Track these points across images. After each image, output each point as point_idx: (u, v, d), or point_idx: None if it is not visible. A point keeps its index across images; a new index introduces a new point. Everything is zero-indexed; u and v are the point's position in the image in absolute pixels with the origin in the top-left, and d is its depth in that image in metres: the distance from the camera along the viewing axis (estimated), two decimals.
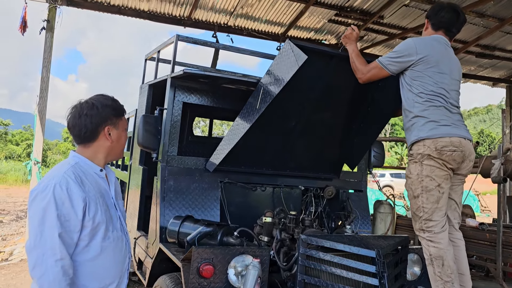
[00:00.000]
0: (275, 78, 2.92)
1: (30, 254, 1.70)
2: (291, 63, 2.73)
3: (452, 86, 2.91)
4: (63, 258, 1.70)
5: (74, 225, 1.75)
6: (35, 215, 1.72)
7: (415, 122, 2.85)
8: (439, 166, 2.77)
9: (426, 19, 3.12)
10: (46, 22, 7.35)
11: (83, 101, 1.95)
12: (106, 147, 1.95)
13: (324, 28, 9.45)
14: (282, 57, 2.84)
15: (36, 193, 1.75)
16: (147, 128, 3.46)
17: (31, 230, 1.72)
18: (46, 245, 1.68)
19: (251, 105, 3.15)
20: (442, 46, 2.97)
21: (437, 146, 2.75)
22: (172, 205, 3.52)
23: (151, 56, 4.61)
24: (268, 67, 3.01)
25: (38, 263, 1.68)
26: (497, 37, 9.67)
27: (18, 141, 35.46)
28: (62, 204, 1.72)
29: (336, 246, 2.66)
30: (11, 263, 6.67)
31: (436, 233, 2.78)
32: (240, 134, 3.22)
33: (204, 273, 2.58)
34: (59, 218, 1.70)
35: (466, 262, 2.97)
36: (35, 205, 1.74)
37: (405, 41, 2.94)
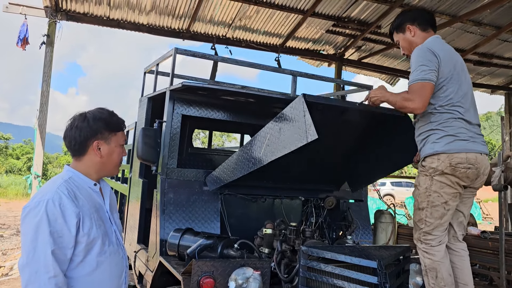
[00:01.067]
0: (281, 138, 2.86)
1: (23, 271, 1.68)
2: (300, 133, 2.64)
3: (468, 96, 2.83)
4: (57, 275, 1.68)
5: (67, 241, 1.73)
6: (28, 231, 1.70)
7: (431, 135, 2.76)
8: (450, 184, 2.70)
9: (409, 26, 2.99)
10: (46, 36, 7.40)
11: (80, 113, 1.94)
12: (96, 162, 1.92)
13: (322, 39, 9.51)
14: (292, 113, 2.75)
15: (29, 209, 1.73)
16: (147, 141, 3.46)
17: (24, 247, 1.71)
18: (39, 262, 1.66)
19: (256, 146, 3.10)
20: (446, 45, 2.94)
21: (452, 162, 2.67)
22: (172, 217, 3.51)
23: (150, 69, 4.64)
24: (278, 115, 2.90)
25: (31, 280, 1.66)
26: (494, 45, 9.74)
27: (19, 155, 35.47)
28: (55, 220, 1.70)
29: (337, 257, 2.64)
30: (12, 277, 6.62)
31: (433, 246, 2.77)
32: (243, 171, 3.22)
33: (205, 286, 2.56)
34: (52, 235, 1.68)
35: (470, 273, 2.94)
36: (28, 221, 1.72)
37: (416, 51, 2.80)
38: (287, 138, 2.78)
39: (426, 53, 2.75)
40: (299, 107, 2.68)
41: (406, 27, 3.02)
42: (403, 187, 24.30)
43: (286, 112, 2.81)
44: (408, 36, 3.01)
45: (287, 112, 2.81)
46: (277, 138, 2.89)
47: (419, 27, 2.99)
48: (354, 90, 4.97)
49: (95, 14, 7.98)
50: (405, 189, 23.78)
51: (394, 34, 3.12)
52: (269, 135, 2.97)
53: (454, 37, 9.38)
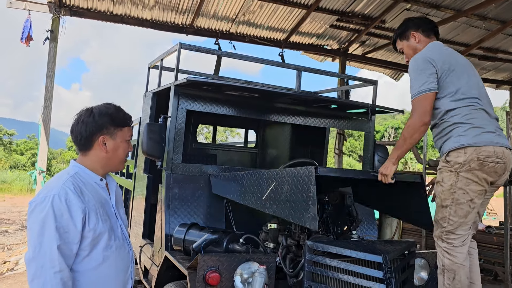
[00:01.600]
0: (283, 197, 2.86)
1: (29, 265, 1.69)
2: (302, 215, 2.64)
3: (482, 88, 2.79)
4: (62, 270, 1.69)
5: (73, 236, 1.74)
6: (34, 226, 1.71)
7: (455, 129, 2.65)
8: (477, 180, 2.60)
9: (414, 32, 2.98)
10: (49, 32, 7.41)
11: (87, 108, 1.94)
12: (102, 157, 1.92)
13: (326, 34, 9.48)
14: (300, 183, 2.71)
15: (35, 204, 1.74)
16: (152, 136, 3.46)
17: (30, 241, 1.72)
18: (45, 257, 1.67)
19: (262, 182, 3.08)
20: (446, 49, 2.92)
21: (480, 156, 2.56)
22: (177, 212, 3.52)
23: (154, 64, 4.63)
24: (290, 172, 2.81)
25: (37, 275, 1.67)
26: (499, 39, 9.68)
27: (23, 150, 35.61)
28: (61, 215, 1.71)
29: (342, 251, 2.64)
30: (17, 272, 6.67)
31: (456, 246, 2.67)
32: (245, 200, 3.25)
33: (211, 280, 2.57)
34: (58, 230, 1.69)
35: (478, 271, 2.90)
36: (34, 216, 1.73)
37: (412, 63, 2.79)
38: (288, 205, 2.77)
39: (419, 63, 2.74)
40: (308, 187, 2.62)
41: (411, 34, 3.00)
42: None
43: (296, 174, 2.75)
44: (413, 43, 3.00)
45: (297, 174, 2.74)
46: (280, 194, 2.88)
47: (423, 33, 2.98)
48: (358, 85, 4.95)
49: (98, 10, 7.97)
50: None
51: (398, 42, 3.10)
52: (274, 183, 2.94)
53: (459, 32, 9.33)
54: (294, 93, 3.68)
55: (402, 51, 3.08)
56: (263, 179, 3.08)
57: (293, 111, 4.01)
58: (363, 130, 4.32)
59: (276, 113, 3.93)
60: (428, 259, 3.36)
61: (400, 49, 3.09)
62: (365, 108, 4.11)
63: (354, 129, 4.36)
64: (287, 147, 5.54)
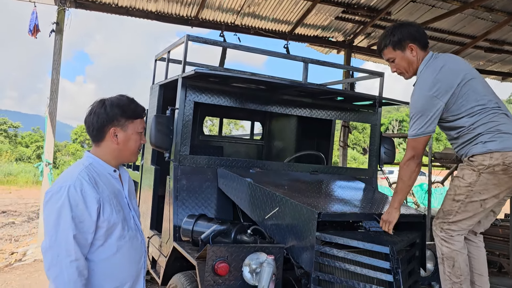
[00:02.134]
0: (283, 226, 2.93)
1: (46, 254, 1.73)
2: (300, 256, 2.76)
3: (491, 89, 2.74)
4: (78, 259, 1.72)
5: (88, 226, 1.77)
6: (50, 216, 1.75)
7: (480, 137, 2.61)
8: (496, 183, 2.58)
9: (411, 44, 2.75)
10: (55, 24, 7.42)
11: (101, 99, 1.96)
12: (113, 149, 1.94)
13: (331, 26, 9.44)
14: (302, 223, 2.76)
15: (51, 194, 1.78)
16: (159, 128, 3.48)
17: (46, 230, 1.75)
18: (61, 246, 1.71)
19: (267, 200, 3.13)
20: (446, 62, 2.74)
21: (505, 161, 2.53)
22: (185, 204, 3.55)
23: (161, 57, 4.64)
24: (294, 203, 2.86)
25: (53, 263, 1.71)
26: (506, 31, 9.61)
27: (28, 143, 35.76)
28: (76, 205, 1.75)
29: (350, 242, 2.66)
30: (25, 263, 6.75)
31: (453, 236, 2.72)
32: (249, 210, 3.31)
33: (219, 271, 2.60)
34: (73, 220, 1.73)
35: (485, 263, 2.91)
36: (50, 206, 1.76)
37: (417, 95, 2.66)
38: (288, 237, 2.83)
39: (426, 101, 2.62)
40: (308, 229, 2.68)
41: (407, 45, 2.76)
42: None
43: (299, 210, 2.78)
44: (409, 56, 2.78)
45: (299, 211, 2.78)
46: (282, 221, 2.94)
47: (419, 46, 2.77)
48: (364, 77, 4.94)
49: (103, 2, 7.97)
50: None
51: (389, 50, 2.81)
52: (277, 209, 2.99)
53: (465, 24, 9.26)
54: (301, 85, 3.68)
55: (392, 60, 2.84)
56: (267, 197, 3.12)
57: (299, 103, 4.02)
58: (369, 123, 4.33)
59: (283, 105, 3.94)
60: (434, 251, 3.37)
61: (390, 59, 2.83)
62: (372, 100, 4.11)
63: (360, 121, 4.36)
64: (293, 139, 5.55)
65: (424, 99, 2.64)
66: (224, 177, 3.64)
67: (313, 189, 3.45)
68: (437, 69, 2.69)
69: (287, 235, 2.87)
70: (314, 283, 2.64)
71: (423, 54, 2.79)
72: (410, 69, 2.81)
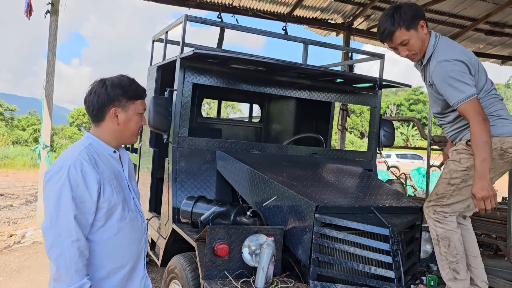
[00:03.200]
0: (280, 214, 2.96)
1: (46, 234, 1.72)
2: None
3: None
4: (79, 239, 1.72)
5: (89, 206, 1.76)
6: (50, 196, 1.73)
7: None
8: (492, 167, 2.49)
9: (422, 21, 2.61)
10: (50, 5, 7.29)
11: (100, 79, 1.93)
12: (114, 130, 1.92)
13: (330, 7, 9.32)
14: (301, 217, 2.79)
15: (51, 174, 1.76)
16: (158, 109, 3.45)
17: (47, 211, 1.74)
18: (62, 226, 1.70)
19: (265, 189, 3.14)
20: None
21: (503, 146, 2.52)
22: (184, 186, 3.54)
23: (158, 38, 4.57)
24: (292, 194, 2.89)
25: (54, 244, 1.70)
26: (507, 13, 9.49)
27: (25, 126, 35.59)
28: (77, 186, 1.73)
29: (349, 224, 2.66)
30: (24, 245, 6.77)
31: (446, 217, 2.72)
32: (248, 194, 3.34)
33: (219, 252, 2.60)
34: (74, 200, 1.72)
35: (477, 245, 2.93)
36: (50, 186, 1.75)
37: (450, 64, 2.50)
38: (285, 226, 2.85)
39: (459, 66, 2.49)
40: (307, 215, 2.70)
41: (419, 23, 2.60)
42: (408, 159, 24.30)
43: (297, 201, 2.81)
44: (422, 34, 2.62)
45: (297, 202, 2.81)
46: (280, 211, 2.96)
47: (425, 24, 2.65)
48: (364, 59, 4.89)
49: None
50: (410, 161, 23.77)
51: (402, 32, 2.60)
52: (275, 197, 3.00)
53: (466, 6, 9.14)
54: (300, 66, 3.63)
55: (405, 42, 2.63)
56: (265, 184, 3.11)
57: (299, 85, 3.98)
58: (369, 105, 4.29)
59: (281, 87, 3.90)
60: None
61: (404, 41, 2.62)
62: (372, 82, 4.07)
63: (360, 103, 4.33)
64: (292, 121, 5.53)
65: (459, 64, 2.50)
66: (223, 159, 3.62)
67: (311, 176, 3.44)
68: (453, 43, 2.67)
69: (284, 225, 2.88)
70: (314, 264, 2.65)
71: (428, 33, 2.70)
72: (423, 49, 2.66)
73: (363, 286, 2.62)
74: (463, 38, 10.81)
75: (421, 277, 2.95)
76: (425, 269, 3.22)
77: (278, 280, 2.68)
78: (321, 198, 2.83)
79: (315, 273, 2.64)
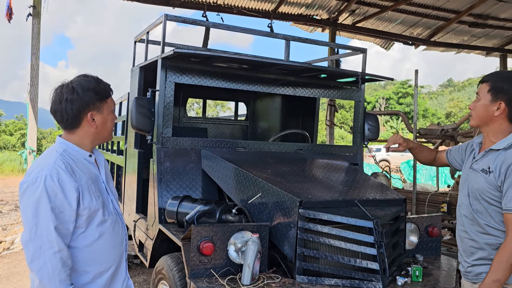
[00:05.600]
0: (266, 211, 2.98)
1: (27, 247, 1.69)
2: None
3: None
4: (61, 249, 1.70)
5: (68, 215, 1.74)
6: (28, 208, 1.70)
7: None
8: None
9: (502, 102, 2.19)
10: (32, 8, 7.20)
11: (64, 83, 1.86)
12: (92, 133, 1.89)
13: (315, 3, 9.34)
14: (285, 210, 2.81)
15: (27, 185, 1.72)
16: (140, 110, 3.43)
17: (25, 223, 1.71)
18: (43, 238, 1.67)
19: (244, 190, 3.19)
20: None
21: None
22: (170, 186, 3.53)
23: (140, 38, 4.54)
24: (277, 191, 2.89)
25: (36, 256, 1.67)
26: (489, 5, 9.60)
27: (12, 131, 35.21)
28: (55, 196, 1.70)
29: (333, 218, 2.68)
30: (13, 251, 6.71)
31: None
32: (233, 192, 3.36)
33: (205, 250, 2.60)
34: (53, 211, 1.69)
35: None
36: (27, 198, 1.71)
37: None
38: (270, 222, 2.88)
39: None
40: (292, 211, 2.73)
41: (499, 102, 2.20)
42: (398, 152, 24.47)
43: (281, 197, 2.84)
44: (491, 110, 2.23)
45: (281, 198, 2.84)
46: (265, 207, 2.98)
47: (509, 115, 2.20)
48: (348, 53, 4.91)
49: None
50: (400, 154, 23.94)
51: (484, 87, 2.27)
52: (260, 194, 3.02)
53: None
54: (282, 63, 3.64)
55: (478, 95, 2.30)
56: (250, 182, 3.13)
57: (283, 82, 3.99)
58: (353, 99, 4.31)
59: (266, 85, 3.91)
60: (418, 224, 3.43)
61: (478, 95, 2.30)
62: (354, 76, 4.09)
63: (344, 98, 4.35)
64: (278, 118, 5.54)
65: None
66: (208, 158, 3.62)
67: (296, 172, 3.45)
68: None
69: (269, 221, 2.90)
70: (300, 259, 2.66)
71: (505, 126, 2.22)
72: (481, 122, 2.30)
73: (349, 278, 2.64)
74: (447, 31, 10.91)
75: (406, 268, 2.98)
76: (411, 260, 3.25)
77: (265, 276, 2.69)
78: (305, 193, 2.85)
79: (301, 268, 2.66)
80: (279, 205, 2.85)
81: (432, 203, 6.33)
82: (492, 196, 2.15)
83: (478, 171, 2.23)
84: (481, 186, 2.18)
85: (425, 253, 3.41)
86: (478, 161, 2.27)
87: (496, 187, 2.13)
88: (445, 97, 64.89)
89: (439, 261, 3.34)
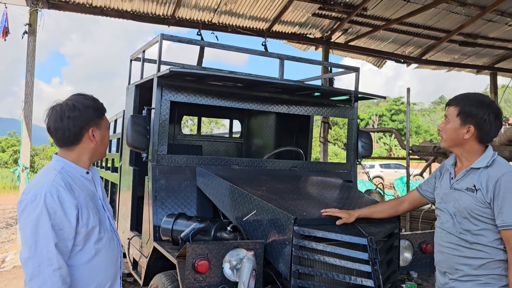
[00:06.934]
0: (260, 229, 2.98)
1: (26, 265, 1.69)
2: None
3: None
4: (61, 267, 1.70)
5: (68, 232, 1.75)
6: (27, 225, 1.70)
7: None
8: None
9: (471, 127, 2.24)
10: (28, 26, 7.26)
11: (62, 102, 1.89)
12: (91, 149, 1.93)
13: (308, 22, 9.49)
14: (279, 229, 2.82)
15: (26, 203, 1.73)
16: (136, 128, 3.46)
17: (24, 241, 1.71)
18: (42, 255, 1.67)
19: (239, 207, 3.20)
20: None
21: None
22: (165, 203, 3.53)
23: (136, 56, 4.60)
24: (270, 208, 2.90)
25: (35, 274, 1.67)
26: (479, 25, 9.83)
27: (4, 147, 34.93)
28: (55, 213, 1.71)
29: (328, 235, 2.69)
30: (4, 270, 6.60)
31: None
32: (228, 210, 3.35)
33: (200, 268, 2.60)
34: (53, 228, 1.70)
35: None
36: (26, 215, 1.72)
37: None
38: (265, 240, 2.88)
39: None
40: (287, 228, 2.73)
41: (468, 126, 2.25)
42: (391, 169, 24.58)
43: (276, 214, 2.84)
44: (461, 133, 2.28)
45: (276, 215, 2.84)
46: (259, 224, 2.98)
47: (478, 136, 2.26)
48: (341, 72, 4.99)
49: (77, 2, 7.84)
50: (393, 170, 24.05)
51: (452, 110, 2.32)
52: (254, 212, 3.03)
53: (440, 18, 9.43)
54: (276, 81, 3.70)
55: (446, 120, 2.35)
56: (245, 199, 3.14)
57: (277, 100, 4.04)
58: (346, 117, 4.37)
59: (260, 103, 3.95)
60: (412, 241, 3.45)
61: (447, 118, 2.35)
62: (347, 95, 4.15)
63: (337, 116, 4.41)
64: (272, 136, 5.58)
65: None
66: (203, 175, 3.63)
67: (291, 189, 3.48)
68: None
69: (264, 238, 2.90)
70: (294, 276, 2.66)
71: (477, 147, 2.28)
72: (452, 144, 2.34)
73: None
74: (438, 49, 11.11)
75: (401, 285, 2.99)
76: (405, 277, 3.26)
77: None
78: (300, 211, 2.86)
79: (296, 286, 2.66)
80: (274, 223, 2.86)
81: (425, 220, 6.36)
82: (481, 213, 2.17)
83: (462, 190, 2.25)
84: (469, 205, 2.19)
85: (419, 269, 3.42)
86: (460, 181, 2.29)
87: (485, 204, 2.16)
88: (437, 114, 65.50)
89: (433, 277, 3.35)
